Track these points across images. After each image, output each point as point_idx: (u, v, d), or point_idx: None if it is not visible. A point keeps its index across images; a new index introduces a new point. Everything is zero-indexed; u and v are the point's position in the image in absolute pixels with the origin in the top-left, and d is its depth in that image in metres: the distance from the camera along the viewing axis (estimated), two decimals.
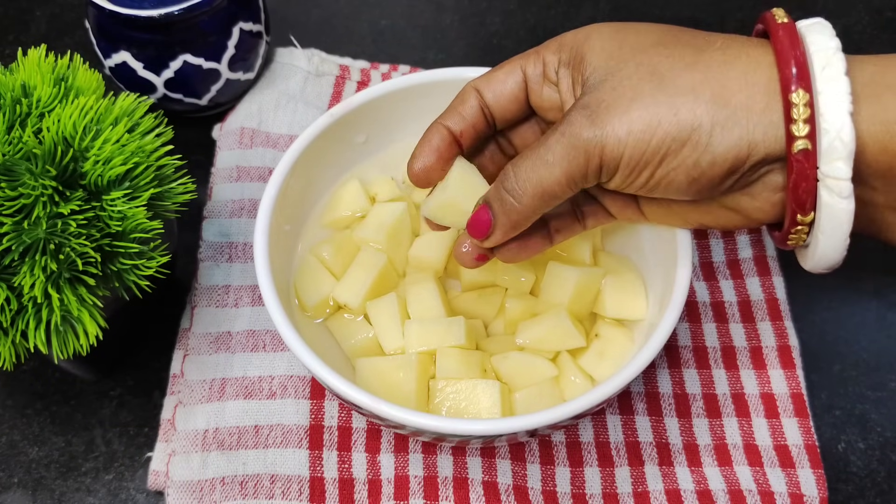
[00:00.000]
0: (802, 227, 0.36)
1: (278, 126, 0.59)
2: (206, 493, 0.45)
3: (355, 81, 0.62)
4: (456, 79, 0.51)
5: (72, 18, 0.67)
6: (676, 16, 0.67)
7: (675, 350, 0.51)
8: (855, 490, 0.48)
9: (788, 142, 0.34)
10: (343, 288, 0.47)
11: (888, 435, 0.49)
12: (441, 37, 0.67)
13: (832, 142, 0.33)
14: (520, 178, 0.38)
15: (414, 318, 0.46)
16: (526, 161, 0.38)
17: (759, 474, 0.46)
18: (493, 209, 0.39)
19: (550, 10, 0.68)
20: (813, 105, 0.34)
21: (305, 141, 0.48)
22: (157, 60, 0.55)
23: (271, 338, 0.50)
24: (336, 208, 0.51)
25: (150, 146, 0.42)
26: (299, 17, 0.67)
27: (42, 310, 0.39)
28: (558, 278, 0.47)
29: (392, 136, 0.53)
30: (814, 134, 0.34)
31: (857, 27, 0.67)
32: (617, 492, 0.46)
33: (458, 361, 0.45)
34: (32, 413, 0.49)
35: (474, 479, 0.46)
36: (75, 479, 0.47)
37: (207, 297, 0.52)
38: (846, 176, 0.34)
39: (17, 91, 0.41)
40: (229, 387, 0.49)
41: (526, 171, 0.38)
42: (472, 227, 0.41)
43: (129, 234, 0.40)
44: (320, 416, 0.48)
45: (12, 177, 0.38)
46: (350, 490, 0.46)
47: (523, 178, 0.38)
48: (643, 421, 0.48)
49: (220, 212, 0.55)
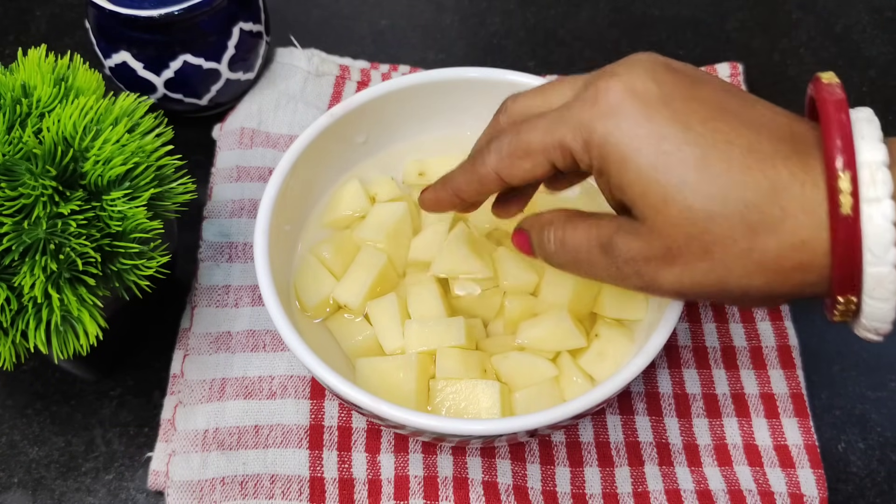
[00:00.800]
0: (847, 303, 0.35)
1: (278, 126, 0.59)
2: (206, 493, 0.45)
3: (355, 81, 0.62)
4: (456, 79, 0.51)
5: (72, 18, 0.67)
6: (676, 16, 0.67)
7: (675, 350, 0.51)
8: (855, 490, 0.48)
9: (833, 217, 0.33)
10: (343, 288, 0.47)
11: (888, 435, 0.49)
12: (441, 37, 0.67)
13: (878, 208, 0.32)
14: (561, 243, 0.39)
15: (414, 318, 0.46)
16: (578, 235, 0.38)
17: (759, 474, 0.46)
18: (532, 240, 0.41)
19: (550, 10, 0.68)
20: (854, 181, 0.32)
21: (305, 141, 0.48)
22: (157, 60, 0.55)
23: (271, 338, 0.50)
24: (336, 208, 0.51)
25: (151, 146, 0.42)
26: (299, 17, 0.67)
27: (42, 310, 0.39)
28: (558, 278, 0.47)
29: (392, 136, 0.53)
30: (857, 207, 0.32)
31: (857, 27, 0.67)
32: (617, 492, 0.46)
33: (458, 361, 0.45)
34: (32, 413, 0.49)
35: (474, 479, 0.46)
36: (75, 479, 0.47)
37: (207, 297, 0.52)
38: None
39: (18, 91, 0.41)
40: (229, 387, 0.49)
41: (571, 237, 0.39)
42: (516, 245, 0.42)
43: (129, 234, 0.40)
44: (320, 416, 0.48)
45: (12, 177, 0.38)
46: (350, 490, 0.46)
47: (563, 242, 0.39)
48: (643, 421, 0.48)
49: (220, 212, 0.55)
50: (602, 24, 0.67)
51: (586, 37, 0.66)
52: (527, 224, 0.41)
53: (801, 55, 0.65)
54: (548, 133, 0.37)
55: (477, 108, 0.52)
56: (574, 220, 0.39)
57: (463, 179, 0.41)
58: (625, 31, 0.67)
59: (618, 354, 0.46)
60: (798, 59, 0.65)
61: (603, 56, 0.65)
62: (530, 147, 0.37)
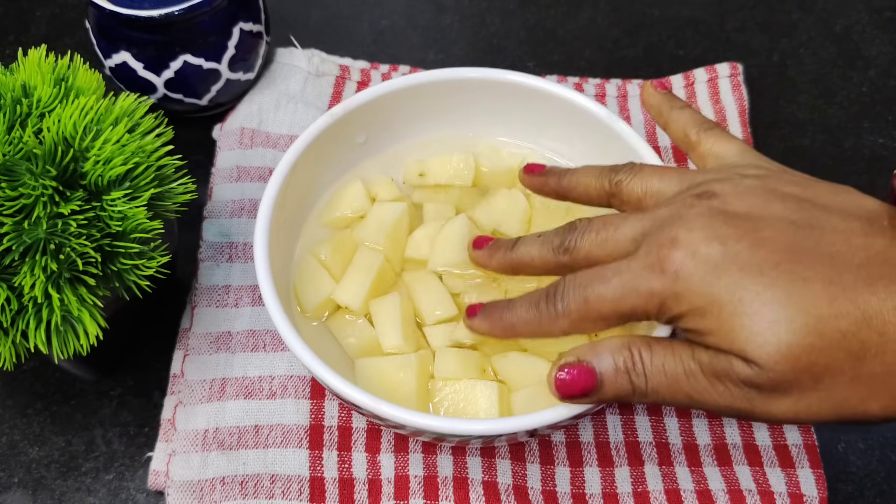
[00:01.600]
0: None
1: (278, 126, 0.59)
2: (206, 492, 0.45)
3: (355, 82, 0.62)
4: (456, 79, 0.51)
5: (72, 19, 0.67)
6: (676, 16, 0.67)
7: None
8: (854, 490, 0.48)
9: None
10: (343, 290, 0.47)
11: (888, 435, 0.49)
12: (441, 37, 0.67)
13: None
14: (649, 374, 0.37)
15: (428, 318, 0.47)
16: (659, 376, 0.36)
17: (759, 474, 0.47)
18: (600, 375, 0.37)
19: (550, 10, 0.68)
20: None
21: (305, 141, 0.48)
22: (157, 61, 0.55)
23: (271, 338, 0.50)
24: (337, 208, 0.51)
25: (151, 146, 0.42)
26: (299, 18, 0.67)
27: (42, 310, 0.39)
28: None
29: (392, 136, 0.53)
30: None
31: (857, 27, 0.67)
32: (617, 492, 0.46)
33: (457, 361, 0.45)
34: (33, 413, 0.50)
35: (474, 479, 0.46)
36: (75, 479, 0.48)
37: (207, 297, 0.52)
38: None
39: (18, 91, 0.41)
40: (229, 387, 0.49)
41: (658, 376, 0.36)
42: (567, 386, 0.38)
43: (130, 235, 0.40)
44: (320, 416, 0.48)
45: (13, 177, 0.38)
46: (350, 490, 0.46)
47: (652, 375, 0.36)
48: (643, 421, 0.48)
49: (221, 212, 0.55)
50: (602, 24, 0.67)
51: (586, 37, 0.66)
52: (585, 354, 0.38)
53: (801, 55, 0.65)
54: (619, 302, 0.37)
55: (477, 108, 0.53)
56: (652, 343, 0.37)
57: (526, 318, 0.40)
58: (625, 31, 0.67)
59: None
60: (798, 59, 0.65)
61: (603, 56, 0.65)
62: (601, 314, 0.38)
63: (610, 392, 0.37)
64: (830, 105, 0.63)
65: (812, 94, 0.63)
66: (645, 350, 0.37)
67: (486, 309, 0.42)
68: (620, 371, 0.37)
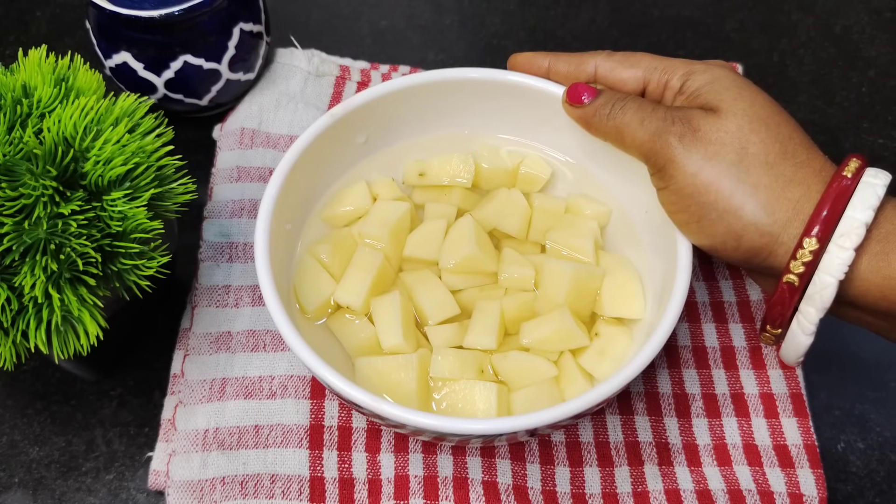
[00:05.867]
0: (769, 335, 0.44)
1: (278, 126, 0.59)
2: (207, 492, 0.45)
3: (355, 82, 0.62)
4: (456, 79, 0.51)
5: (72, 19, 0.67)
6: (676, 16, 0.67)
7: (674, 350, 0.51)
8: (854, 490, 0.48)
9: (784, 270, 0.40)
10: (344, 290, 0.47)
11: (888, 435, 0.49)
12: (441, 37, 0.67)
13: (815, 293, 0.40)
14: (620, 111, 0.44)
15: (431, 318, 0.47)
16: (631, 109, 0.44)
17: (759, 474, 0.47)
18: (597, 97, 0.45)
19: (550, 10, 0.68)
20: (817, 255, 0.39)
21: (306, 141, 0.48)
22: (157, 61, 0.55)
23: (271, 338, 0.50)
24: (339, 207, 0.51)
25: (151, 146, 0.42)
26: (299, 18, 0.67)
27: (42, 310, 0.39)
28: (554, 273, 0.47)
29: (392, 136, 0.53)
30: (807, 275, 0.39)
31: (857, 27, 0.67)
32: (617, 492, 0.46)
33: (454, 361, 0.45)
34: (33, 413, 0.50)
35: (474, 479, 0.46)
36: (76, 479, 0.48)
37: (208, 297, 0.52)
38: (814, 322, 0.41)
39: (18, 91, 0.41)
40: (229, 387, 0.49)
41: (626, 113, 0.44)
42: (570, 91, 0.47)
43: (130, 235, 0.40)
44: (320, 416, 0.48)
45: (13, 177, 0.38)
46: (350, 490, 0.46)
47: (621, 113, 0.44)
48: (643, 421, 0.48)
49: (221, 212, 0.55)
50: (602, 24, 0.67)
51: (586, 37, 0.66)
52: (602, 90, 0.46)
53: (801, 55, 0.65)
54: (651, 62, 0.46)
55: (477, 108, 0.53)
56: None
57: (565, 71, 0.49)
58: (625, 31, 0.67)
59: (618, 353, 0.46)
60: (798, 59, 0.65)
61: None
62: (632, 59, 0.47)
63: (599, 101, 0.45)
64: (830, 105, 0.63)
65: (812, 95, 0.63)
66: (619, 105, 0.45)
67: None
68: (610, 101, 0.45)
